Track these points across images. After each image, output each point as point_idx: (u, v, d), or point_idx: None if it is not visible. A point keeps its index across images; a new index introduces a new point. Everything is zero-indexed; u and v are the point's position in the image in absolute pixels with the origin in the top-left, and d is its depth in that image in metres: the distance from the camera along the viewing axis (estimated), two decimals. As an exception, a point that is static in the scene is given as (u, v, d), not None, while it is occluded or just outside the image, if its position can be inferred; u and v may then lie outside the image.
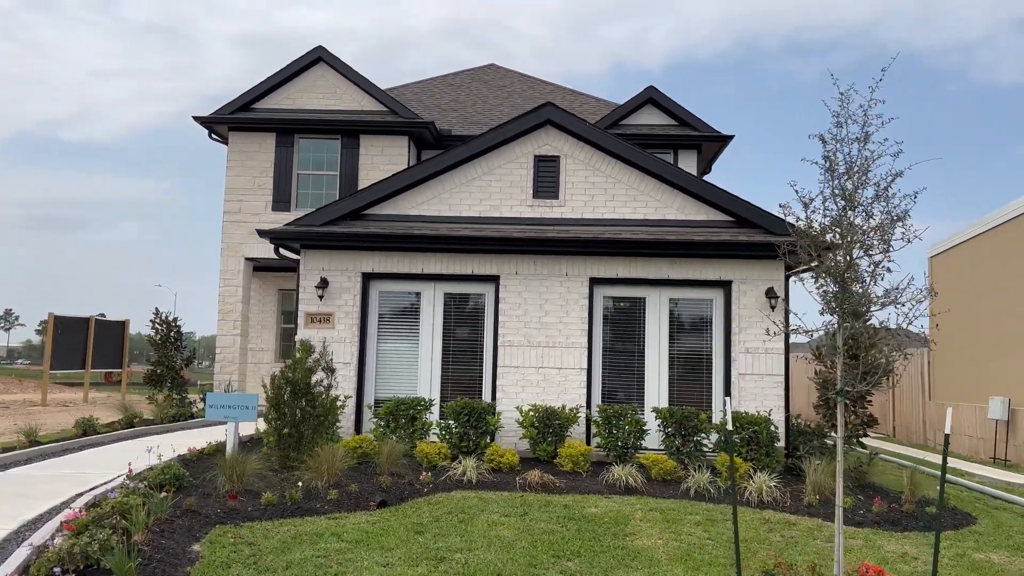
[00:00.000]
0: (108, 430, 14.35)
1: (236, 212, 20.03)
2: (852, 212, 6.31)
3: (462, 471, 10.75)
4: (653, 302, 13.22)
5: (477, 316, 13.46)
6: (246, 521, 8.40)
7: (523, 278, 13.10)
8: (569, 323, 12.98)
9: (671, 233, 12.87)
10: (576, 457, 11.32)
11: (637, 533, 8.65)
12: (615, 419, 12.07)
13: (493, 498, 9.93)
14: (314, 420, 10.84)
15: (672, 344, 13.18)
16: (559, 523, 8.92)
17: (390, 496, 9.70)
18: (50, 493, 9.40)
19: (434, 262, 13.22)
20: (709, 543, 8.43)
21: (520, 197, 13.41)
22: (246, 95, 20.37)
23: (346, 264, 13.27)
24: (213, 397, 11.64)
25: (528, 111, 13.49)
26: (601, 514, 9.36)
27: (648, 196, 13.27)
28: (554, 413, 12.10)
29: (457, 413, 12.08)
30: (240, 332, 19.77)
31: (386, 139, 20.15)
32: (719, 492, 10.52)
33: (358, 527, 8.38)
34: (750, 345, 12.80)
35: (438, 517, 8.96)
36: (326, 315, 13.20)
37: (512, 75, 26.46)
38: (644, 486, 10.66)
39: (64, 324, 27.59)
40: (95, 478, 10.39)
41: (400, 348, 13.40)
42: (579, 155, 13.40)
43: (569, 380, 12.90)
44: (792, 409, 14.28)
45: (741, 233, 12.89)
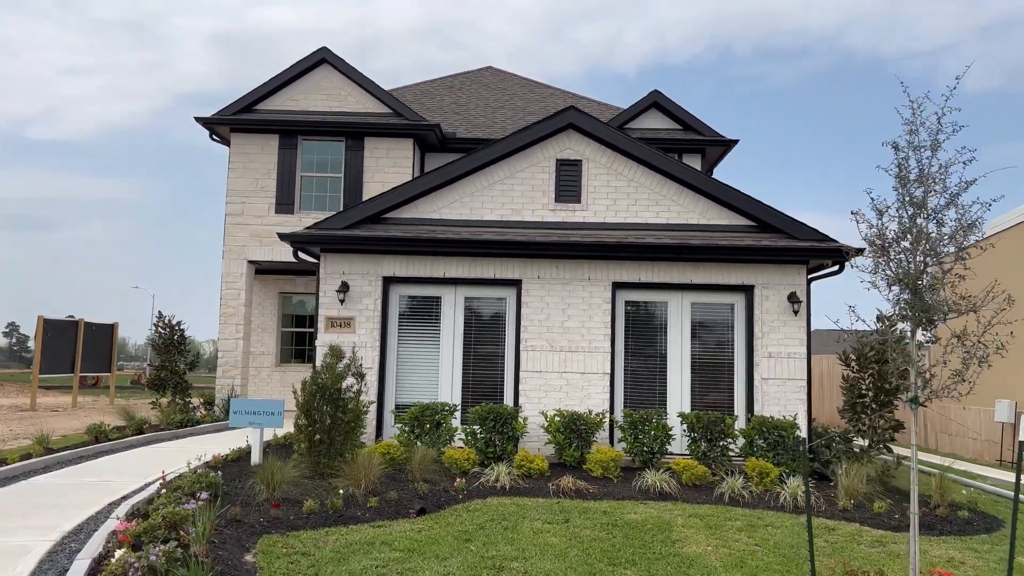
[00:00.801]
0: (119, 436, 14.10)
1: (238, 214, 19.79)
2: (924, 220, 6.30)
3: (495, 477, 10.68)
4: (675, 306, 13.22)
5: (498, 320, 13.39)
6: (291, 530, 8.27)
7: (545, 282, 13.04)
8: (592, 327, 12.94)
9: (695, 237, 12.87)
10: (607, 463, 11.27)
11: (684, 540, 8.62)
12: (641, 424, 12.05)
13: (530, 505, 9.87)
14: (345, 426, 10.71)
15: (694, 348, 13.18)
16: (603, 530, 8.87)
17: (428, 503, 9.60)
18: (81, 503, 9.21)
19: (455, 266, 13.13)
20: (757, 549, 8.41)
21: (542, 201, 13.36)
22: (248, 96, 20.14)
23: (367, 268, 13.15)
24: (238, 403, 11.49)
25: (550, 115, 13.44)
26: (642, 520, 9.32)
27: (671, 200, 13.26)
28: (580, 418, 12.05)
29: (483, 418, 11.99)
30: (243, 336, 19.53)
31: (391, 141, 20.00)
32: (753, 497, 10.52)
33: (406, 535, 8.28)
34: (772, 350, 12.84)
35: (481, 525, 8.88)
36: (346, 320, 13.07)
37: (511, 78, 26.41)
38: (678, 492, 10.65)
39: (54, 327, 27.16)
40: (122, 486, 10.19)
41: (420, 353, 13.30)
42: (601, 159, 13.38)
43: (592, 385, 12.87)
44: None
45: (764, 238, 12.92)
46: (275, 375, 21.80)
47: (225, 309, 19.58)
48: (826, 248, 12.62)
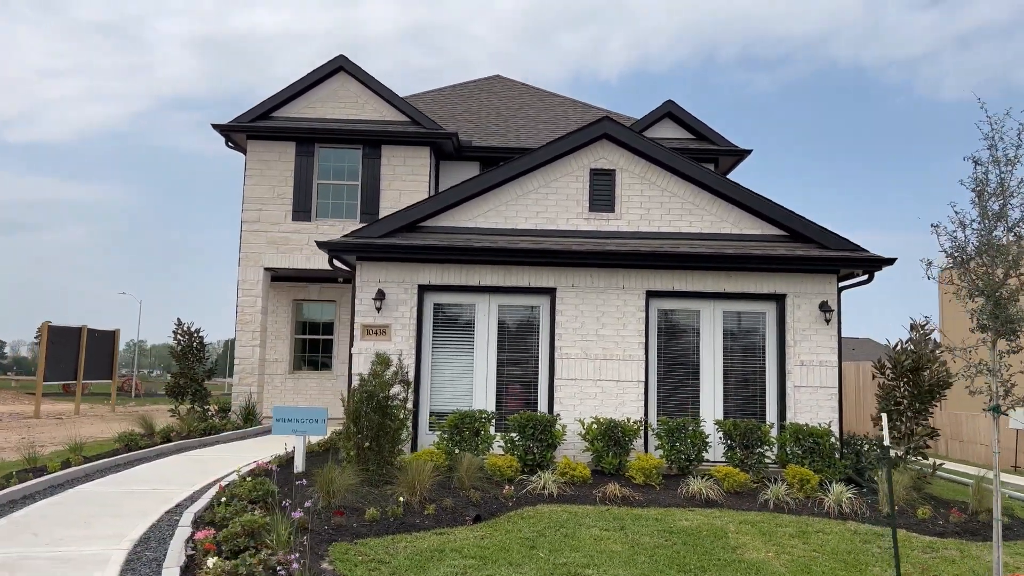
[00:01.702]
0: (148, 444, 14.06)
1: (255, 221, 19.78)
2: (1004, 232, 6.46)
3: (541, 485, 10.75)
4: (707, 315, 13.37)
5: (531, 328, 13.48)
6: (357, 538, 8.32)
7: (580, 291, 13.15)
8: (626, 336, 13.06)
9: (728, 247, 13.03)
10: (649, 470, 11.38)
11: (743, 547, 8.73)
12: (677, 431, 12.17)
13: (581, 512, 9.95)
14: (393, 434, 10.76)
15: (726, 357, 13.33)
16: (661, 537, 8.97)
17: (481, 510, 9.67)
18: (139, 511, 9.21)
19: (490, 274, 13.21)
20: (817, 556, 8.54)
21: (576, 210, 13.48)
22: (265, 103, 20.15)
23: (402, 276, 13.21)
24: (280, 411, 11.52)
25: (584, 125, 13.57)
26: (696, 527, 9.43)
27: (703, 210, 13.42)
28: (617, 426, 12.15)
29: (522, 426, 12.07)
30: (259, 343, 19.51)
31: (408, 149, 20.07)
32: (797, 504, 10.65)
33: (471, 543, 8.34)
34: (804, 358, 13.00)
35: (541, 532, 8.95)
36: (382, 327, 13.11)
37: (519, 86, 26.55)
38: (722, 499, 10.76)
39: (58, 334, 26.97)
40: (172, 494, 10.19)
41: (455, 360, 13.37)
42: (634, 169, 13.52)
43: (627, 392, 12.98)
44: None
45: (796, 247, 13.10)
46: (288, 382, 21.78)
47: (242, 316, 19.56)
48: (857, 258, 12.81)
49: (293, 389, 21.77)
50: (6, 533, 8.06)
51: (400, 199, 19.85)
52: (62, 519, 8.71)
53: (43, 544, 7.66)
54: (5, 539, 7.82)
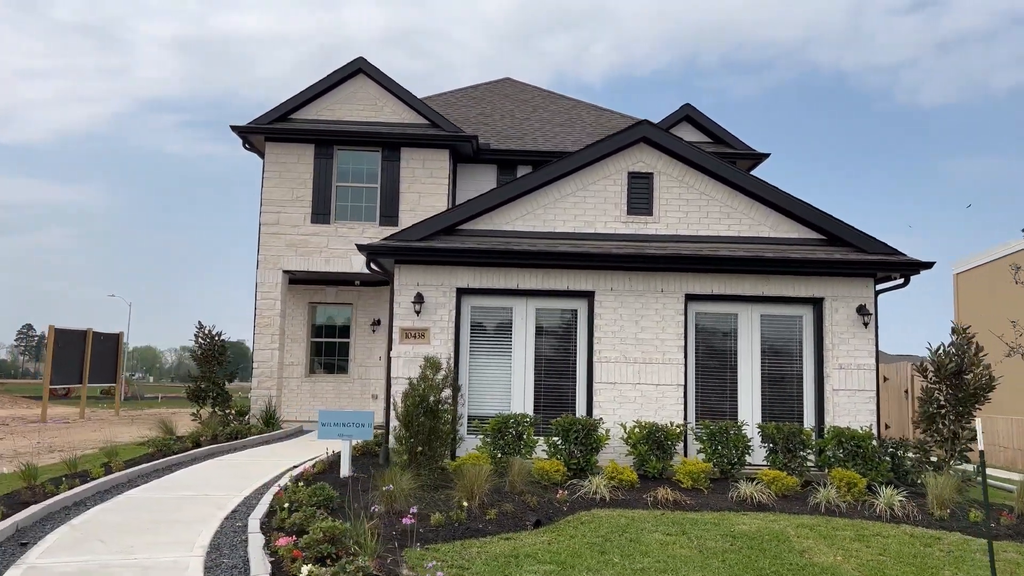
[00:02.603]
0: (181, 449, 13.92)
1: (274, 224, 19.66)
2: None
3: (592, 489, 10.71)
4: (745, 318, 13.39)
5: (569, 332, 13.45)
6: (428, 543, 8.26)
7: (618, 294, 13.14)
8: (665, 339, 13.06)
9: (768, 250, 13.05)
10: (696, 474, 11.36)
11: (808, 551, 8.73)
12: (719, 435, 12.18)
13: (637, 516, 9.92)
14: (444, 437, 10.70)
15: (763, 360, 13.35)
16: (725, 541, 8.96)
17: (539, 515, 9.63)
18: (198, 517, 9.11)
19: (529, 278, 13.18)
20: (885, 560, 8.54)
21: (614, 213, 13.47)
22: (283, 105, 20.04)
23: (441, 279, 13.15)
24: (326, 415, 11.45)
25: (623, 129, 13.57)
26: (755, 531, 9.41)
27: (741, 214, 13.44)
28: (659, 430, 12.14)
29: (566, 430, 12.04)
30: (278, 346, 19.38)
31: (427, 152, 20.01)
32: (848, 507, 10.66)
33: (541, 548, 8.30)
34: (843, 361, 13.04)
35: (605, 536, 8.92)
36: (421, 331, 13.05)
37: (530, 89, 26.53)
38: (772, 502, 10.76)
39: (64, 337, 26.69)
40: (224, 500, 10.10)
41: (492, 364, 13.32)
42: (672, 172, 13.52)
43: (666, 396, 12.97)
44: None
45: (835, 251, 13.14)
46: (304, 386, 21.66)
47: (260, 319, 19.42)
48: (895, 262, 12.87)
49: (309, 392, 21.64)
50: (73, 541, 7.95)
51: (419, 202, 19.82)
52: (124, 526, 8.60)
53: (115, 552, 7.56)
54: (75, 547, 7.72)
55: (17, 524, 8.29)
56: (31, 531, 8.34)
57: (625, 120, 23.70)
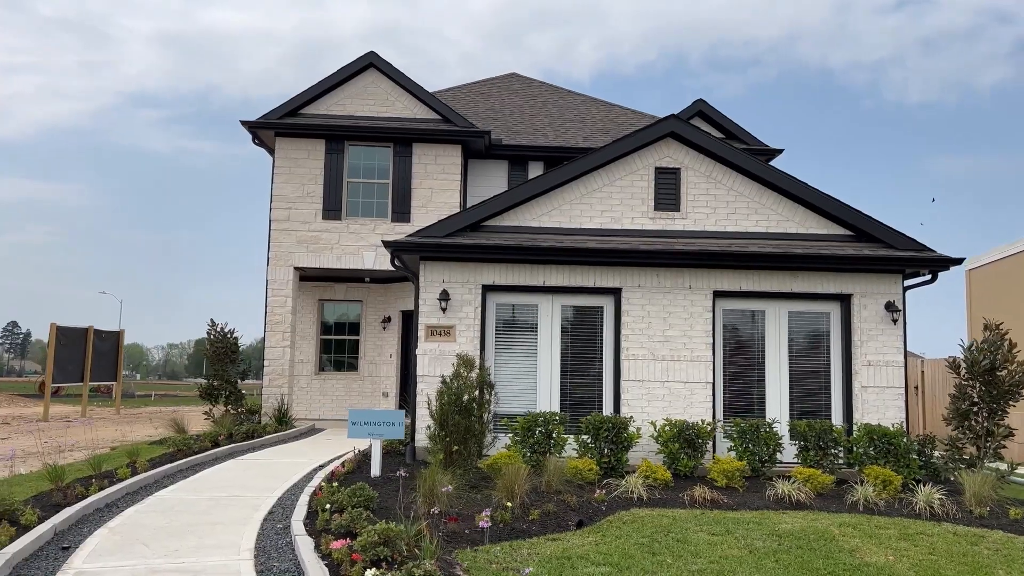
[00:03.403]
0: (200, 449, 13.71)
1: (284, 220, 19.43)
2: None
3: (629, 488, 10.59)
4: (772, 315, 13.28)
5: (595, 329, 13.32)
6: (476, 544, 8.11)
7: (646, 291, 13.01)
8: (694, 337, 12.94)
9: (797, 246, 12.95)
10: (731, 472, 11.25)
11: (857, 550, 8.62)
12: (750, 433, 12.08)
13: (677, 516, 9.79)
14: (479, 436, 10.55)
15: (791, 357, 13.25)
16: (772, 540, 8.84)
17: (579, 515, 9.50)
18: (235, 519, 8.94)
19: (555, 274, 13.03)
20: (936, 559, 8.44)
21: (641, 209, 13.33)
22: (293, 100, 19.81)
23: (466, 276, 12.98)
24: (356, 414, 11.28)
25: (650, 124, 13.44)
26: (799, 530, 9.30)
27: (769, 209, 13.33)
28: (690, 428, 12.03)
29: (596, 428, 11.91)
30: (289, 344, 19.16)
31: (439, 148, 19.82)
32: (886, 505, 10.57)
33: (590, 549, 8.16)
34: (871, 358, 12.96)
35: (651, 537, 8.79)
36: (447, 328, 12.88)
37: (537, 84, 26.37)
38: (810, 501, 10.65)
39: (66, 335, 26.37)
40: (258, 501, 9.92)
41: (518, 362, 13.17)
42: (700, 167, 13.40)
43: (695, 394, 12.86)
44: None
45: (863, 247, 13.05)
46: (314, 383, 21.44)
47: (271, 317, 19.20)
48: (924, 258, 12.79)
49: (319, 390, 21.43)
50: (114, 544, 7.76)
51: (431, 198, 19.64)
52: (163, 529, 8.41)
53: (161, 556, 7.37)
54: (119, 551, 7.53)
55: (55, 527, 8.09)
56: (69, 535, 8.15)
57: (635, 116, 23.58)
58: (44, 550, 7.54)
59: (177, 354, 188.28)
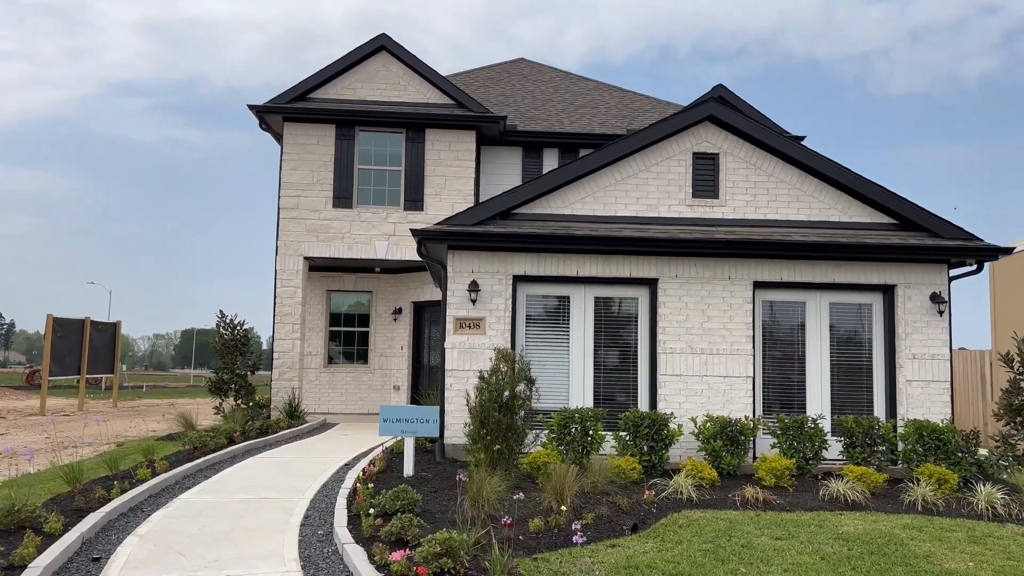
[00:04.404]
0: (216, 446, 13.13)
1: (293, 208, 18.80)
2: None
3: (677, 488, 10.10)
4: (813, 307, 12.80)
5: (629, 321, 12.80)
6: (534, 552, 7.61)
7: (684, 281, 12.50)
8: (733, 329, 12.45)
9: (841, 235, 12.46)
10: (780, 471, 10.78)
11: (931, 555, 8.16)
12: (794, 429, 11.61)
13: (732, 518, 9.31)
14: (520, 434, 10.03)
15: (832, 350, 12.78)
16: (839, 544, 8.37)
17: (631, 518, 9.01)
18: (270, 524, 8.41)
19: (589, 264, 12.50)
20: (1016, 564, 7.99)
21: (679, 196, 12.80)
22: (302, 84, 19.15)
23: (496, 266, 12.43)
24: (387, 410, 10.74)
25: (688, 107, 12.92)
26: (863, 533, 8.84)
27: (811, 197, 12.83)
28: (732, 424, 11.56)
29: (636, 425, 11.41)
30: (299, 336, 18.55)
31: (453, 134, 19.22)
32: (945, 505, 10.12)
33: (654, 556, 7.67)
34: (916, 351, 12.50)
35: (713, 542, 8.30)
36: (476, 320, 12.34)
37: (547, 70, 25.78)
38: (866, 501, 10.20)
39: (62, 326, 25.68)
40: (289, 504, 9.38)
41: (550, 356, 12.64)
42: (739, 153, 12.88)
43: (735, 389, 12.37)
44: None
45: (909, 236, 12.57)
46: (323, 376, 20.86)
47: (280, 308, 18.59)
48: (972, 247, 12.33)
49: (328, 384, 20.85)
50: (148, 554, 7.20)
51: (445, 186, 19.07)
52: (197, 536, 7.85)
53: (202, 568, 6.83)
54: (155, 562, 6.98)
55: (82, 536, 7.52)
56: (97, 543, 7.59)
57: (649, 102, 23.03)
58: (74, 561, 6.98)
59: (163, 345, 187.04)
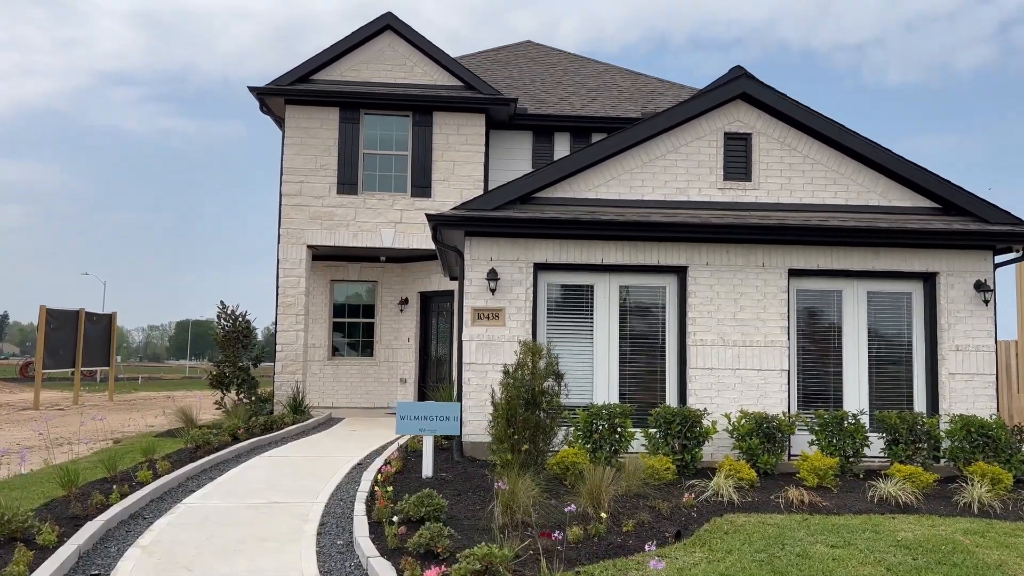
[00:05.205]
0: (220, 444, 12.42)
1: (296, 195, 18.05)
2: None
3: (717, 490, 9.43)
4: (850, 296, 12.12)
5: (656, 312, 12.12)
6: (576, 564, 6.92)
7: (715, 269, 11.81)
8: (767, 320, 11.76)
9: (881, 220, 11.77)
10: (823, 471, 10.10)
11: (1004, 564, 7.50)
12: (833, 425, 10.96)
13: (781, 523, 8.64)
14: (549, 432, 9.35)
15: (870, 342, 12.11)
16: (902, 554, 7.70)
17: (672, 523, 8.34)
18: (284, 534, 7.72)
19: (614, 251, 11.80)
20: (1098, 575, 7.34)
21: (709, 179, 12.10)
22: (305, 65, 18.38)
23: (516, 254, 11.73)
24: (405, 407, 10.05)
25: (719, 83, 12.20)
26: (924, 540, 8.17)
27: (849, 179, 12.13)
28: (769, 420, 10.89)
29: (668, 422, 10.74)
30: (303, 327, 17.83)
31: (462, 116, 18.48)
32: (1003, 508, 9.46)
33: (707, 567, 6.99)
34: (960, 342, 11.84)
35: (767, 551, 7.63)
36: (495, 311, 11.64)
37: (555, 53, 25.02)
38: (916, 502, 9.54)
39: (56, 318, 24.90)
40: (302, 509, 8.69)
41: (573, 348, 11.94)
42: (773, 133, 12.17)
43: (769, 383, 11.70)
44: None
45: (953, 221, 11.89)
46: (327, 369, 20.16)
47: (283, 299, 17.86)
48: (1021, 233, 11.64)
49: (333, 376, 20.15)
50: (153, 569, 6.51)
51: (453, 171, 18.34)
52: (205, 547, 7.15)
53: (213, 585, 6.13)
54: (160, 579, 6.28)
55: (79, 549, 6.82)
56: (96, 557, 6.88)
57: (663, 85, 22.30)
58: (70, 581, 6.29)
59: (158, 336, 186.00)
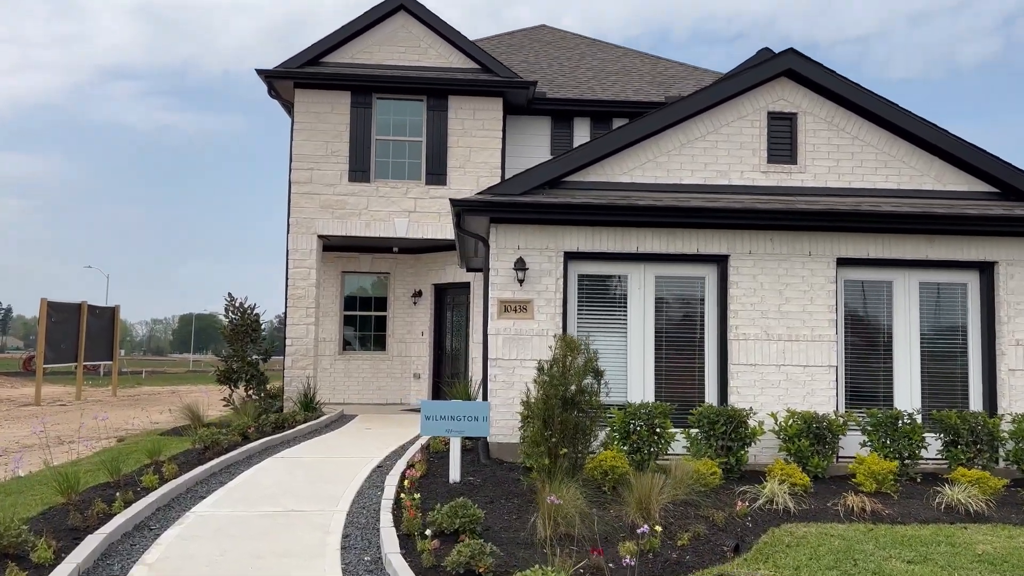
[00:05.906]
0: (229, 444, 11.69)
1: (306, 183, 17.29)
2: None
3: (770, 497, 8.68)
4: (901, 287, 11.35)
5: (694, 304, 11.36)
6: (634, 587, 6.18)
7: (758, 258, 11.04)
8: (814, 312, 11.00)
9: (936, 205, 11.00)
10: (881, 475, 9.35)
11: (1104, 583, 6.76)
12: (888, 425, 10.21)
13: (846, 535, 7.89)
14: (588, 434, 8.61)
15: (923, 336, 11.35)
16: (987, 570, 6.97)
17: (727, 534, 7.60)
18: (308, 547, 6.99)
19: (651, 239, 11.04)
20: None
21: (752, 162, 11.33)
22: (314, 47, 17.59)
23: (545, 242, 10.97)
24: (430, 407, 9.30)
25: (763, 60, 11.44)
26: (1006, 554, 7.43)
27: (900, 162, 11.36)
28: (819, 420, 10.14)
29: (711, 422, 9.99)
30: (314, 320, 17.09)
31: (478, 101, 17.70)
32: (1085, 516, 8.71)
33: (781, 590, 6.26)
34: (1020, 336, 11.07)
35: (840, 568, 6.89)
36: (523, 303, 10.88)
37: (570, 36, 24.21)
38: (988, 510, 8.78)
39: (58, 311, 24.20)
40: (322, 518, 7.96)
41: (605, 342, 11.17)
42: (820, 112, 11.39)
43: (816, 380, 10.94)
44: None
45: (1015, 206, 11.11)
46: (338, 364, 19.43)
47: (293, 291, 17.11)
48: (1087, 219, 10.86)
49: (344, 371, 19.42)
50: (160, 593, 5.77)
51: (469, 157, 17.58)
52: (219, 564, 6.42)
53: (229, 613, 5.39)
54: (169, 606, 5.54)
55: (78, 568, 6.08)
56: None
57: (684, 69, 21.50)
58: (67, 606, 5.55)
59: (161, 330, 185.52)
